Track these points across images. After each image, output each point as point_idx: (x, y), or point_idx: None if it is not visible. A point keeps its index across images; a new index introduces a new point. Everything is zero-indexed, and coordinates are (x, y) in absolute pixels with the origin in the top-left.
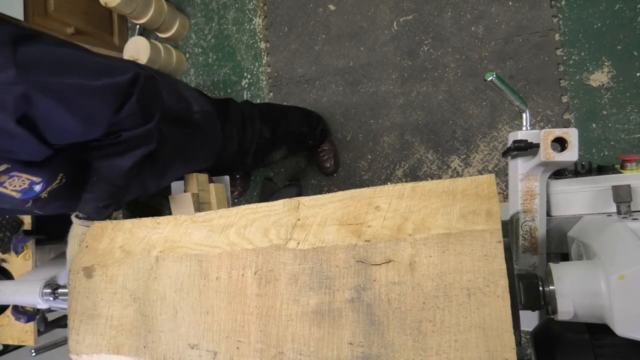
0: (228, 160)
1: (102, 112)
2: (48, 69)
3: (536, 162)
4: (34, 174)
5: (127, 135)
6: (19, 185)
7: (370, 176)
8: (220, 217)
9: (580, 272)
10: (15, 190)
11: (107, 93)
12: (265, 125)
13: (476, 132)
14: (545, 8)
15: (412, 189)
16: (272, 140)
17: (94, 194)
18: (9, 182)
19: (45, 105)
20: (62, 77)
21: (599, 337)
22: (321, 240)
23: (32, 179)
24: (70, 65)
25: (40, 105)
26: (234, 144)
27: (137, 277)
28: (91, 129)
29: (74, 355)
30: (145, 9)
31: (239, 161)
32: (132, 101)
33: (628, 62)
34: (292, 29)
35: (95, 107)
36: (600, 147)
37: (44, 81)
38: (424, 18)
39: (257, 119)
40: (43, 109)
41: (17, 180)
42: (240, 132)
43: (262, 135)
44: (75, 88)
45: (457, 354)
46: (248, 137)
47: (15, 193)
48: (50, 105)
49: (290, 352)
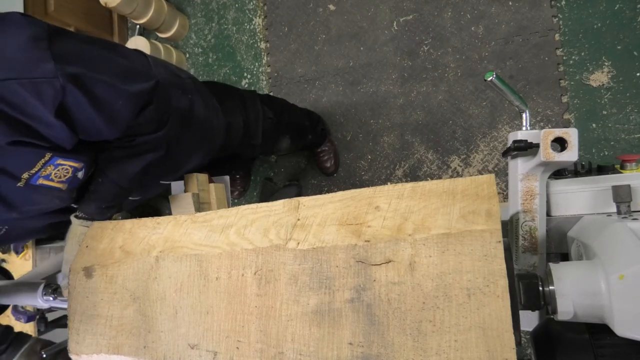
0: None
1: (124, 115)
2: (82, 64)
3: (536, 162)
4: (76, 160)
5: (141, 140)
6: (63, 175)
7: (370, 176)
8: (220, 217)
9: (580, 272)
10: (61, 182)
11: (131, 97)
12: (267, 107)
13: (476, 132)
14: (545, 8)
15: (412, 189)
16: (277, 123)
17: (99, 195)
18: (54, 174)
19: (77, 98)
20: (95, 73)
21: (599, 337)
22: (321, 240)
23: (74, 165)
24: (100, 64)
25: (73, 97)
26: (239, 120)
27: (137, 277)
28: (112, 129)
29: (74, 355)
30: (145, 9)
31: (248, 143)
32: (151, 108)
33: (628, 62)
34: (292, 29)
35: (119, 108)
36: (600, 147)
37: (80, 75)
38: (424, 18)
39: (257, 100)
40: (75, 101)
41: (62, 170)
42: (243, 111)
43: (266, 115)
44: (106, 87)
45: (457, 354)
46: (252, 117)
47: (61, 185)
48: (82, 100)
49: (290, 352)
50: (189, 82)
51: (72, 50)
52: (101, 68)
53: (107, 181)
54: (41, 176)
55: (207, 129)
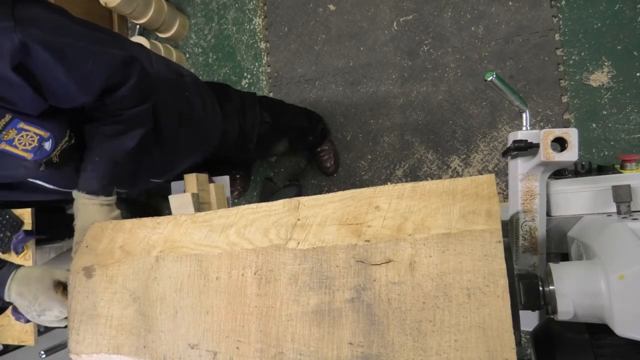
0: (231, 143)
1: (95, 77)
2: (46, 26)
3: (536, 162)
4: (41, 127)
5: (129, 113)
6: (28, 143)
7: (370, 176)
8: (220, 217)
9: (580, 272)
10: (26, 150)
11: (101, 60)
12: (266, 112)
13: (476, 132)
14: (545, 8)
15: (412, 189)
16: (274, 127)
17: (97, 173)
18: (18, 140)
19: (42, 56)
20: (60, 36)
21: (599, 337)
22: (321, 240)
23: (40, 133)
24: (68, 30)
25: (37, 56)
26: (235, 125)
27: (137, 277)
28: (83, 91)
29: (74, 355)
30: (145, 9)
31: (242, 147)
32: (131, 82)
33: (628, 62)
34: (292, 29)
35: (90, 68)
36: (600, 147)
37: (42, 35)
38: (424, 18)
39: (257, 104)
40: (40, 61)
41: (26, 137)
42: (240, 114)
43: (263, 120)
44: (72, 47)
45: (457, 354)
46: (249, 121)
47: (26, 154)
48: (47, 58)
49: (290, 352)
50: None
51: (38, 14)
52: (69, 32)
53: (104, 160)
54: (3, 140)
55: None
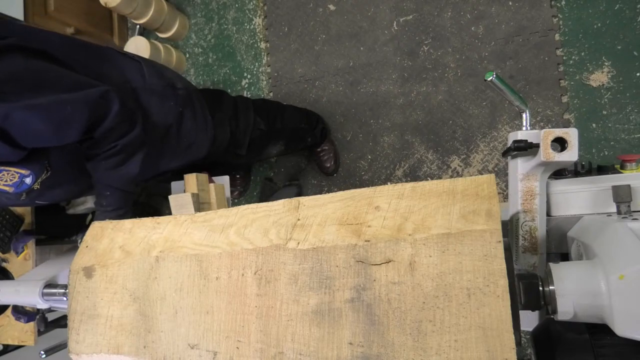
0: (222, 149)
1: (75, 120)
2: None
3: (536, 162)
4: (22, 167)
5: (123, 142)
6: (9, 179)
7: (370, 176)
8: (220, 217)
9: (580, 272)
10: (7, 185)
11: (79, 102)
12: (260, 117)
13: (476, 132)
14: (545, 8)
15: (412, 189)
16: (267, 133)
17: (113, 206)
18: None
19: (21, 118)
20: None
21: (599, 337)
22: (321, 240)
23: (20, 171)
24: (46, 81)
25: (16, 119)
26: (226, 131)
27: (137, 277)
28: (65, 135)
29: (74, 355)
30: (145, 9)
31: (233, 152)
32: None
33: (628, 62)
34: (292, 29)
35: (68, 116)
36: (600, 147)
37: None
38: (424, 18)
39: (251, 110)
40: (18, 121)
41: (7, 175)
42: (233, 121)
43: (256, 126)
44: (51, 102)
45: (457, 354)
46: (241, 127)
47: (8, 188)
48: (26, 118)
49: (290, 352)
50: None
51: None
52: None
53: (115, 192)
54: None
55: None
